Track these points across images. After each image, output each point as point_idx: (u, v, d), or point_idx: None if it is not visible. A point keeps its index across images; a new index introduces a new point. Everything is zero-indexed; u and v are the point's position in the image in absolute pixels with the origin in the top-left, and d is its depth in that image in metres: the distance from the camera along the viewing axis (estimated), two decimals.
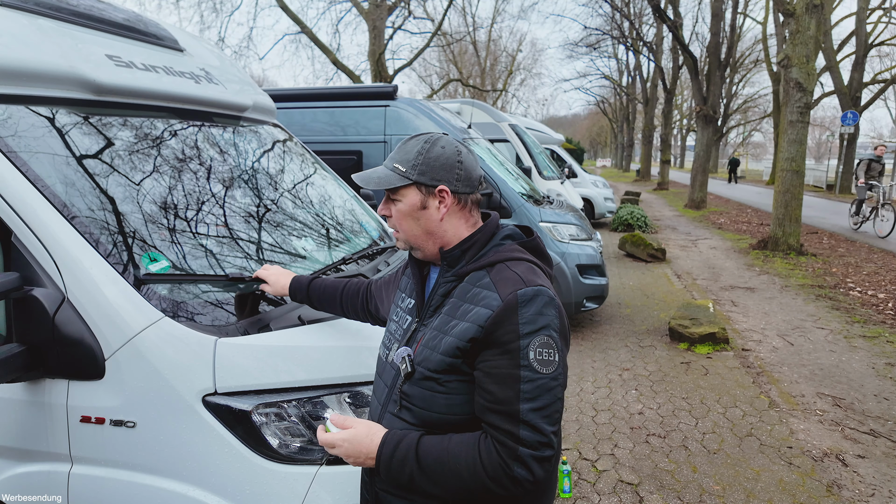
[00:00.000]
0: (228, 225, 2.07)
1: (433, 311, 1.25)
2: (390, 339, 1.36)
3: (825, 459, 3.37)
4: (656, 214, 16.81)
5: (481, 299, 1.14)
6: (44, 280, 1.50)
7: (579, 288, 5.45)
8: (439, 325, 1.19)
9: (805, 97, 9.39)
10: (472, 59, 39.79)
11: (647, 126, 32.94)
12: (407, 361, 1.21)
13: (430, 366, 1.16)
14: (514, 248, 1.23)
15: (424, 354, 1.19)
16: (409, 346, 1.25)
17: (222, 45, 19.50)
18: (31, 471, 1.59)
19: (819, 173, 28.31)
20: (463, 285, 1.21)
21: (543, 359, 1.08)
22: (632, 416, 3.94)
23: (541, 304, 1.11)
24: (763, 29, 30.34)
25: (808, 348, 5.31)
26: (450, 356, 1.14)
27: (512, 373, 1.08)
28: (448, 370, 1.15)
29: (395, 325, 1.36)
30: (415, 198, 1.23)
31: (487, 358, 1.11)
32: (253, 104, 2.76)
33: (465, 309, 1.16)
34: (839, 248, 10.67)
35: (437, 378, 1.16)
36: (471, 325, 1.12)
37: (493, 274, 1.18)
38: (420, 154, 1.22)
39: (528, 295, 1.11)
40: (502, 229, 1.29)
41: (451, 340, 1.14)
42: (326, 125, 5.81)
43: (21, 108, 1.70)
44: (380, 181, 1.23)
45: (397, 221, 1.26)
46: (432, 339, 1.19)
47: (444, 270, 1.26)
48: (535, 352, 1.08)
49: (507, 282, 1.14)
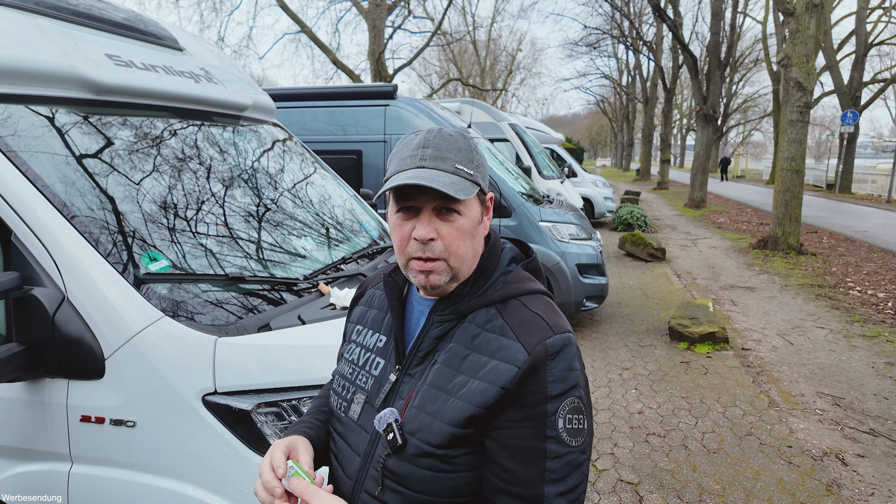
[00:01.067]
0: (228, 224, 2.07)
1: (422, 357, 0.98)
2: (349, 387, 1.06)
3: (825, 459, 3.37)
4: (656, 214, 16.81)
5: (498, 350, 0.91)
6: (44, 279, 1.50)
7: (579, 287, 5.45)
8: (437, 381, 0.93)
9: (805, 96, 9.39)
10: (471, 58, 39.78)
11: (647, 125, 32.94)
12: (395, 429, 0.92)
13: (430, 439, 0.90)
14: (523, 277, 1.01)
15: (421, 422, 0.91)
16: (391, 404, 0.97)
17: (222, 45, 19.48)
18: (32, 470, 1.59)
19: (819, 173, 28.32)
20: (465, 326, 0.96)
21: (573, 427, 0.88)
22: (631, 416, 3.94)
23: (570, 358, 0.90)
24: (763, 28, 30.35)
25: (808, 348, 5.31)
26: (461, 427, 0.88)
27: (536, 446, 0.86)
28: (457, 443, 0.89)
29: (354, 370, 1.07)
30: (476, 209, 0.97)
31: (505, 425, 0.88)
32: (253, 103, 2.76)
33: (474, 361, 0.92)
34: (839, 247, 10.67)
35: (442, 455, 0.89)
36: (488, 387, 0.88)
37: (508, 315, 0.94)
38: (474, 151, 0.97)
39: (558, 346, 0.90)
40: (504, 248, 1.05)
41: (462, 406, 0.89)
42: (326, 125, 5.80)
43: (21, 107, 1.70)
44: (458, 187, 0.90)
45: (452, 242, 0.93)
46: (431, 401, 0.92)
47: (441, 306, 0.99)
48: (564, 419, 0.87)
49: (529, 327, 0.91)
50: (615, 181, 33.94)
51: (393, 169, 0.95)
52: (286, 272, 2.07)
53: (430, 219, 0.93)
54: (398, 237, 0.96)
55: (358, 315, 1.16)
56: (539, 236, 5.48)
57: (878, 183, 24.95)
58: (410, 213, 0.94)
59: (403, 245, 0.95)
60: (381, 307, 1.10)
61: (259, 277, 1.92)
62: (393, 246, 0.99)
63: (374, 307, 1.12)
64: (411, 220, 0.94)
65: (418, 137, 0.96)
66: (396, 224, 0.96)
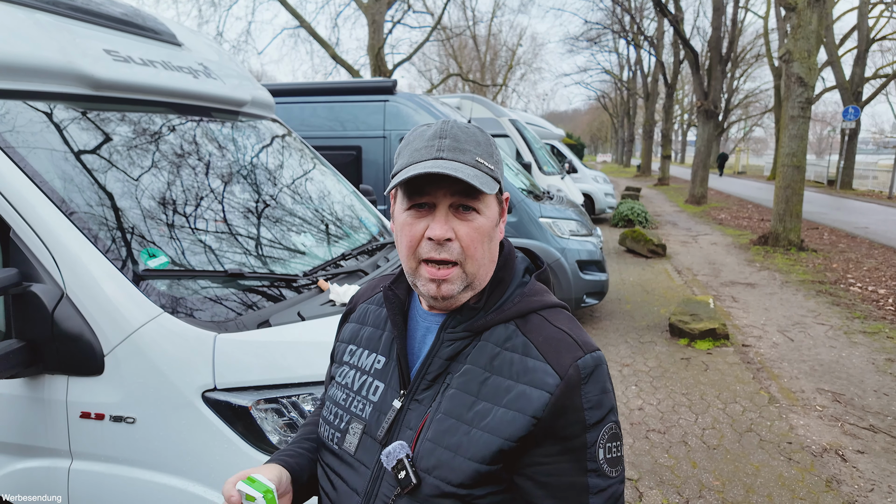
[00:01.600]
0: (227, 220, 2.07)
1: (431, 380, 0.86)
2: (342, 415, 0.93)
3: (824, 455, 3.38)
4: (657, 210, 16.79)
5: (524, 373, 0.80)
6: (42, 276, 1.50)
7: (579, 283, 5.45)
8: (454, 410, 0.82)
9: (806, 92, 9.36)
10: (471, 53, 39.68)
11: (648, 121, 32.88)
12: (407, 467, 0.80)
13: (451, 477, 0.78)
14: (540, 289, 0.91)
15: (439, 457, 0.80)
16: (396, 435, 0.85)
17: (220, 40, 19.43)
18: (32, 466, 1.60)
19: (820, 169, 28.27)
20: (481, 345, 0.85)
21: (613, 456, 0.80)
22: (631, 412, 3.95)
23: (603, 378, 0.82)
24: (764, 23, 30.24)
25: (808, 344, 5.31)
26: (487, 463, 0.78)
27: (577, 481, 0.78)
28: (482, 482, 0.78)
29: (349, 395, 0.94)
30: (495, 209, 0.87)
31: (540, 460, 0.79)
32: (251, 99, 2.75)
33: (496, 386, 0.81)
34: (840, 243, 10.66)
35: (465, 495, 0.78)
36: (517, 416, 0.78)
37: (531, 331, 0.84)
38: (494, 147, 0.88)
39: (591, 366, 0.80)
40: (517, 258, 0.95)
41: (488, 439, 0.78)
42: (325, 120, 5.79)
43: (19, 103, 1.69)
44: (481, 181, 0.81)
45: (471, 244, 0.83)
46: (448, 433, 0.81)
47: (452, 321, 0.87)
48: (604, 448, 0.79)
49: (558, 346, 0.82)
50: (616, 177, 33.90)
51: (404, 161, 0.84)
52: (285, 268, 2.07)
53: (446, 216, 0.82)
54: (408, 237, 0.84)
55: (350, 333, 1.03)
56: (539, 232, 5.47)
57: (879, 179, 24.92)
58: (423, 210, 0.83)
59: (414, 246, 0.83)
60: (376, 324, 0.99)
61: (258, 274, 1.92)
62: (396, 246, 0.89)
63: (369, 324, 1.00)
64: (425, 218, 0.83)
65: (432, 128, 0.86)
66: (406, 223, 0.84)
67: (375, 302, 1.03)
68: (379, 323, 0.99)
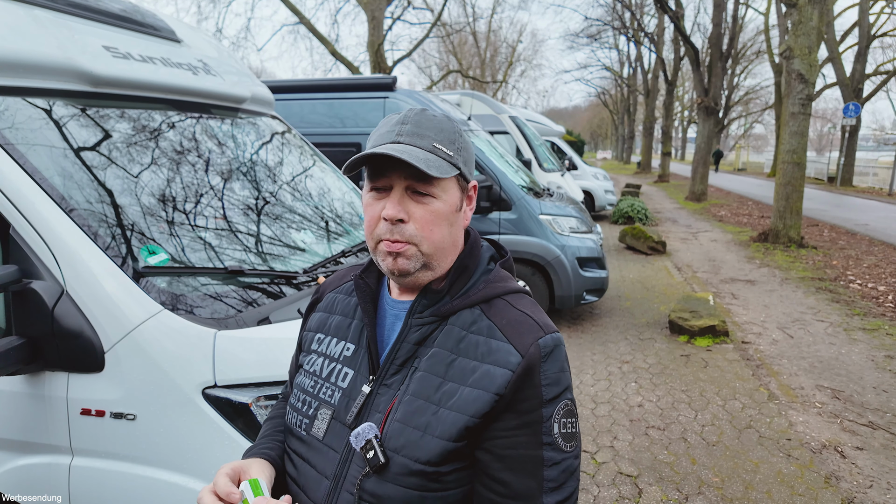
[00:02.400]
0: (227, 217, 2.07)
1: (400, 365, 0.89)
2: (310, 401, 0.95)
3: (823, 451, 3.39)
4: (657, 207, 16.78)
5: (488, 353, 0.84)
6: (42, 273, 1.50)
7: (579, 280, 5.45)
8: (422, 391, 0.85)
9: (807, 89, 9.34)
10: (471, 49, 39.59)
11: (648, 118, 32.83)
12: (376, 446, 0.83)
13: (419, 455, 0.82)
14: (504, 276, 0.95)
15: (407, 437, 0.83)
16: (365, 419, 0.88)
17: (220, 36, 19.38)
18: (32, 463, 1.60)
19: (820, 165, 28.24)
20: (448, 329, 0.89)
21: (568, 431, 0.85)
22: (631, 409, 3.95)
23: (562, 358, 0.86)
24: (765, 20, 30.18)
25: (808, 341, 5.32)
26: (453, 440, 0.81)
27: (534, 455, 0.82)
28: (449, 459, 0.82)
29: (317, 382, 0.96)
30: (455, 194, 0.90)
31: (499, 434, 0.82)
32: (251, 96, 2.75)
33: (462, 367, 0.85)
34: (840, 240, 10.66)
35: (432, 472, 0.82)
36: (481, 394, 0.82)
37: (495, 315, 0.88)
38: (457, 133, 0.91)
39: (550, 346, 0.85)
40: (482, 247, 0.99)
41: (454, 417, 0.82)
42: (325, 117, 5.78)
43: (18, 99, 1.69)
44: (430, 165, 0.84)
45: (425, 226, 0.87)
46: (417, 413, 0.84)
47: (419, 307, 0.91)
48: (559, 423, 0.83)
49: (519, 328, 0.86)
50: (616, 174, 33.87)
51: (369, 145, 0.89)
52: (285, 265, 2.07)
53: (401, 198, 0.86)
54: (368, 217, 0.89)
55: (317, 322, 1.05)
56: (539, 229, 5.47)
57: (879, 176, 24.91)
58: (383, 192, 0.88)
59: (373, 226, 0.88)
60: (345, 312, 1.01)
61: (258, 271, 1.92)
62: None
63: (337, 313, 1.02)
64: (382, 200, 0.87)
65: (399, 115, 0.91)
66: (368, 204, 0.90)
67: (344, 291, 1.06)
68: (348, 311, 1.01)
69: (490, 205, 5.37)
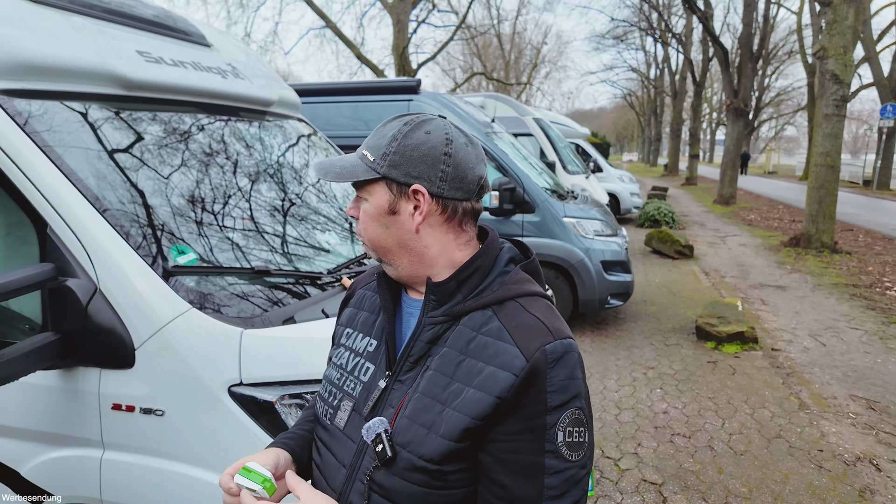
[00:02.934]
0: (254, 218, 2.10)
1: (413, 362, 0.91)
2: (336, 393, 1.01)
3: (857, 464, 3.27)
4: (684, 210, 16.49)
5: (494, 355, 0.84)
6: (77, 271, 1.54)
7: (603, 284, 5.38)
8: (430, 390, 0.87)
9: (841, 89, 9.07)
10: (496, 52, 39.53)
11: (676, 120, 32.30)
12: (384, 440, 0.86)
13: (423, 452, 0.84)
14: (522, 278, 0.94)
15: (414, 434, 0.85)
16: (380, 412, 0.91)
17: (248, 41, 19.76)
18: (66, 455, 1.65)
19: (855, 168, 27.39)
20: (459, 330, 0.90)
21: (574, 441, 0.83)
22: (656, 415, 3.88)
23: (572, 365, 0.84)
24: (798, 19, 29.39)
25: (841, 349, 5.15)
26: (456, 440, 0.82)
27: (535, 461, 0.81)
28: (451, 458, 0.83)
29: (343, 375, 1.02)
30: (382, 197, 0.92)
31: (502, 437, 0.82)
32: (278, 99, 2.79)
33: (469, 368, 0.86)
34: (876, 245, 10.31)
35: (435, 470, 0.83)
36: (484, 396, 0.82)
37: (505, 317, 0.88)
38: (395, 140, 0.90)
39: (559, 352, 0.83)
40: (502, 248, 0.98)
41: (458, 418, 0.83)
42: (350, 119, 5.84)
43: (56, 103, 1.75)
44: (341, 172, 0.92)
45: (363, 224, 0.95)
46: (424, 411, 0.86)
47: (431, 306, 0.92)
48: (564, 432, 0.82)
49: (527, 331, 0.85)
50: (642, 176, 33.40)
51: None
52: (310, 266, 2.09)
53: (355, 199, 0.97)
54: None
55: (347, 317, 1.10)
56: (563, 232, 5.43)
57: None
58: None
59: None
60: (371, 309, 1.05)
61: (284, 271, 1.94)
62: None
63: (365, 309, 1.07)
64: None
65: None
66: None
67: (371, 288, 1.09)
68: (374, 308, 1.05)
69: (513, 207, 5.34)
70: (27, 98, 1.67)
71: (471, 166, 0.92)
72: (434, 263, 0.94)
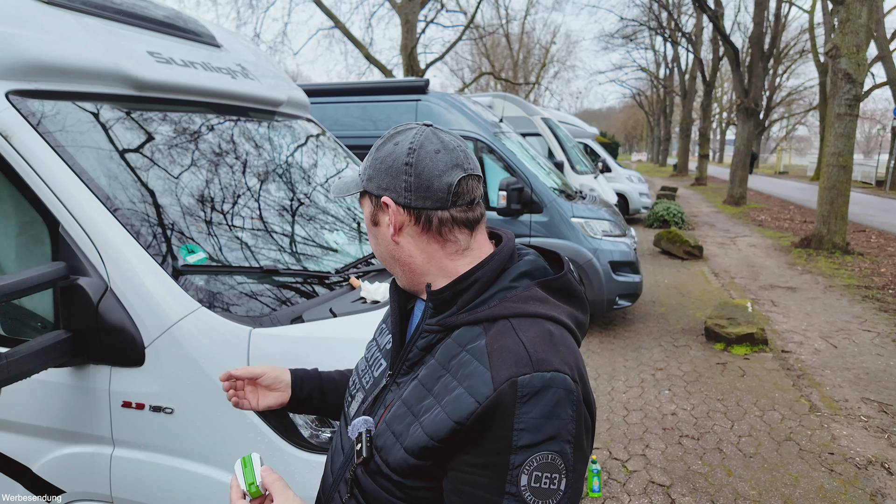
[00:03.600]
0: (263, 218, 2.11)
1: (409, 367, 0.90)
2: (356, 383, 1.04)
3: (869, 467, 3.24)
4: (693, 210, 16.38)
5: (466, 377, 0.78)
6: (88, 269, 1.56)
7: (612, 285, 5.36)
8: (409, 400, 0.84)
9: (854, 89, 8.97)
10: (504, 51, 39.48)
11: (685, 119, 32.07)
12: (363, 441, 0.86)
13: (390, 461, 0.82)
14: (529, 296, 0.85)
15: (385, 440, 0.84)
16: (372, 413, 0.91)
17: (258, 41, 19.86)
18: (77, 452, 1.66)
19: (868, 169, 27.08)
20: (449, 343, 0.85)
21: (541, 487, 0.73)
22: (664, 417, 3.86)
23: (551, 403, 0.74)
24: (810, 17, 29.08)
25: (853, 351, 5.09)
26: (415, 457, 0.79)
27: (491, 500, 0.74)
28: (412, 474, 0.80)
29: (366, 367, 1.05)
30: (367, 210, 0.94)
31: (462, 468, 0.77)
32: (287, 99, 2.80)
33: (444, 385, 0.81)
34: (889, 247, 10.19)
35: (398, 482, 0.81)
36: (445, 419, 0.76)
37: (491, 337, 0.80)
38: (371, 153, 0.92)
39: (535, 386, 0.74)
40: (519, 261, 0.90)
41: (419, 435, 0.79)
42: (359, 119, 5.85)
43: (68, 103, 1.77)
44: (340, 187, 0.96)
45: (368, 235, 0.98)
46: (398, 420, 0.84)
47: (429, 314, 0.89)
48: (530, 476, 0.73)
49: (505, 356, 0.77)
50: (651, 176, 33.21)
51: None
52: (318, 265, 2.10)
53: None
54: None
55: (386, 313, 1.10)
56: (571, 232, 5.41)
57: None
58: None
59: None
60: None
61: (292, 270, 1.95)
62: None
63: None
64: None
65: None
66: None
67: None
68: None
69: (521, 207, 5.33)
70: (40, 98, 1.69)
71: (437, 174, 0.85)
72: (425, 272, 0.90)
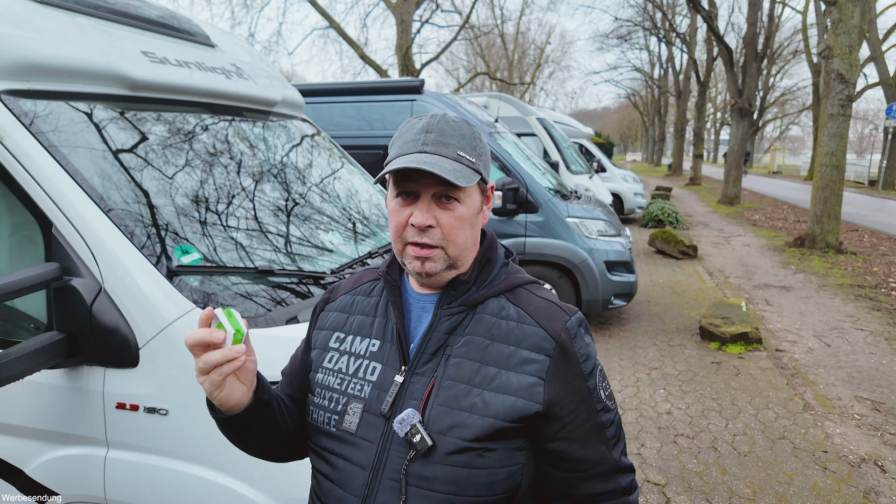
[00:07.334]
0: (258, 218, 2.11)
1: (431, 354, 0.93)
2: (338, 398, 0.98)
3: (862, 465, 3.26)
4: (688, 210, 16.44)
5: (524, 339, 0.91)
6: (82, 270, 1.55)
7: (607, 285, 5.37)
8: (462, 375, 0.91)
9: (847, 89, 9.03)
10: (499, 52, 39.52)
11: (680, 119, 32.18)
12: (421, 431, 0.87)
13: (467, 434, 0.87)
14: (519, 269, 1.04)
15: (453, 419, 0.88)
16: (400, 407, 0.92)
17: (252, 41, 19.80)
18: (70, 454, 1.65)
19: (861, 168, 27.27)
20: (478, 317, 0.95)
21: (608, 391, 0.97)
22: (659, 416, 3.88)
23: (584, 332, 0.96)
24: (803, 18, 29.24)
25: (846, 350, 5.13)
26: (501, 419, 0.87)
27: (596, 423, 0.92)
28: (496, 436, 0.87)
29: (344, 379, 0.99)
30: (477, 198, 0.96)
31: (562, 420, 0.90)
32: (282, 99, 2.79)
33: (499, 352, 0.91)
34: (881, 246, 10.26)
35: (479, 448, 0.87)
36: (524, 378, 0.89)
37: (521, 303, 0.96)
38: (478, 140, 0.95)
39: (576, 326, 0.94)
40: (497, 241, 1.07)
41: (502, 399, 0.88)
42: (354, 120, 5.84)
43: (61, 103, 1.76)
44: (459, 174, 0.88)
45: (451, 231, 0.91)
46: (462, 396, 0.89)
47: (447, 298, 0.96)
48: (601, 389, 0.95)
49: (546, 313, 0.94)
50: (646, 176, 33.32)
51: (394, 152, 0.93)
52: (314, 266, 2.09)
53: (429, 205, 0.91)
54: (395, 222, 0.93)
55: (333, 321, 1.07)
56: (566, 232, 5.42)
57: None
58: (410, 198, 0.92)
59: (400, 231, 0.93)
60: (365, 312, 1.05)
61: (287, 271, 1.95)
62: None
63: (357, 313, 1.06)
64: (410, 206, 0.92)
65: (422, 122, 0.94)
66: (395, 209, 0.94)
67: (362, 293, 1.09)
68: (368, 311, 1.05)
69: (516, 207, 5.34)
70: (33, 98, 1.68)
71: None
72: (472, 256, 0.99)
